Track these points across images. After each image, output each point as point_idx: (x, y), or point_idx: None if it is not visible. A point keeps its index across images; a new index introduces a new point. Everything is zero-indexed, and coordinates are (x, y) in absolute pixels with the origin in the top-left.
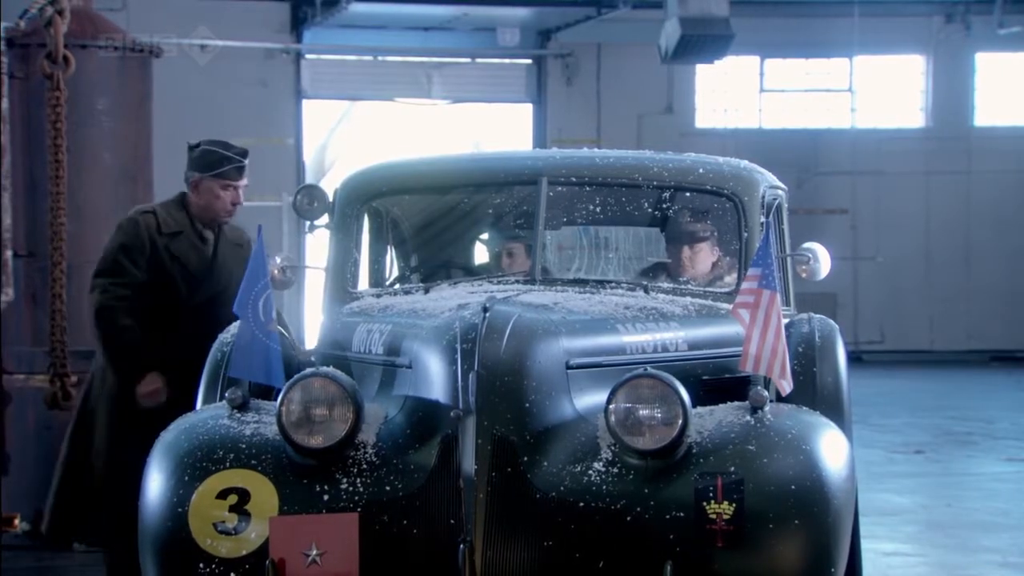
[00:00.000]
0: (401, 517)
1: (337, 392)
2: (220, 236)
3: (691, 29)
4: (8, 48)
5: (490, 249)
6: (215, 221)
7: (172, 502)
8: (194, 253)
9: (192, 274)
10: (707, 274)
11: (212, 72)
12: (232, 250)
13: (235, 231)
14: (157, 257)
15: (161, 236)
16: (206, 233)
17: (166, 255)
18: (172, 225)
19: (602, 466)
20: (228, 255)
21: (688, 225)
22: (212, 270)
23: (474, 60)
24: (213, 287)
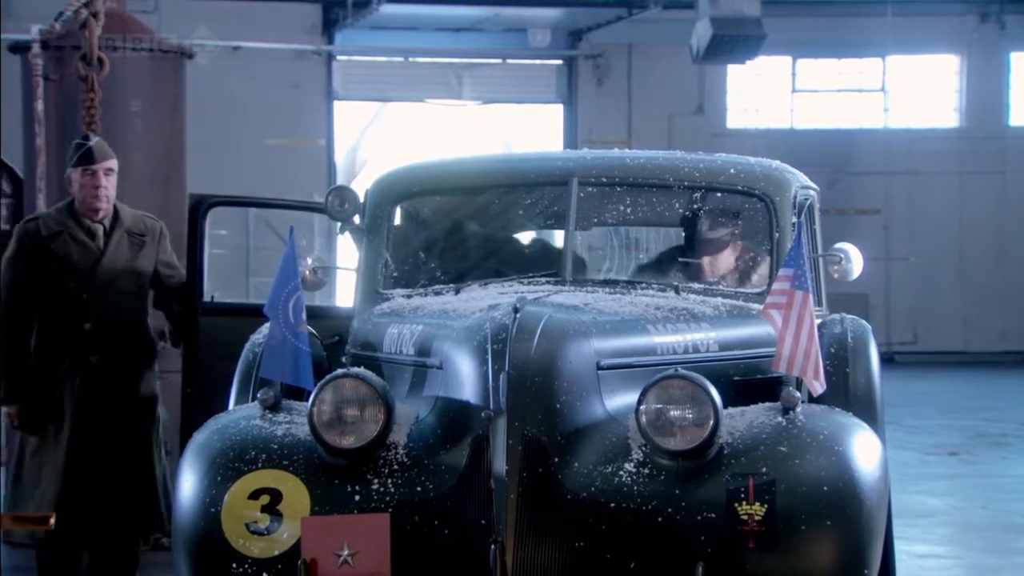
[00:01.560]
0: (432, 517)
1: (368, 393)
2: (115, 228)
3: (723, 29)
4: (43, 50)
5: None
6: (93, 211)
7: (205, 502)
8: (76, 248)
9: (76, 268)
10: (735, 274)
11: (244, 73)
12: (129, 239)
13: (139, 221)
14: (39, 259)
15: (41, 239)
16: (94, 227)
17: (47, 256)
18: (52, 226)
19: (633, 467)
20: (122, 245)
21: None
22: (100, 261)
23: (504, 61)
24: (102, 277)
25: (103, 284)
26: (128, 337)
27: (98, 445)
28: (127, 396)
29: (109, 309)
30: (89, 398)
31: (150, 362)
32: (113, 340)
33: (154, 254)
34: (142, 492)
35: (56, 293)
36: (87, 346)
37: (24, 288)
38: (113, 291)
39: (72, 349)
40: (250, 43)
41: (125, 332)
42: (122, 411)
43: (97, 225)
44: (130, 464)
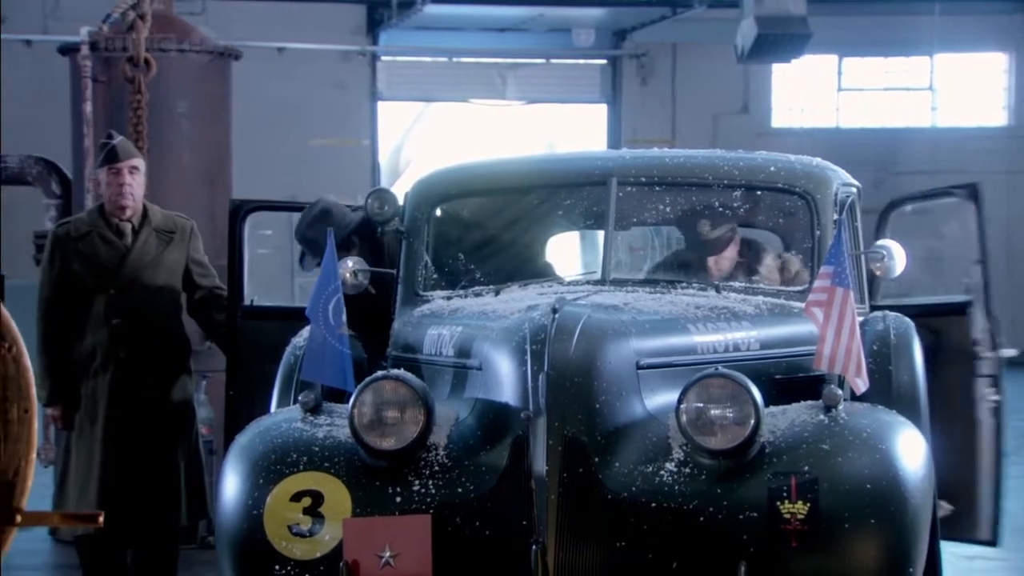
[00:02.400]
0: (473, 518)
1: (408, 394)
2: (143, 226)
3: (768, 28)
4: (91, 52)
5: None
6: (120, 209)
7: (247, 504)
8: (104, 246)
9: (104, 266)
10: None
11: (289, 74)
12: (157, 237)
13: (168, 220)
14: (71, 261)
15: (72, 241)
16: (122, 226)
17: (77, 256)
18: (82, 228)
19: (674, 466)
20: (150, 242)
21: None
22: (126, 258)
23: (548, 61)
24: (129, 274)
25: (130, 281)
26: (157, 333)
27: (131, 441)
28: (157, 392)
29: (137, 306)
30: (119, 393)
31: (182, 359)
32: (142, 336)
33: (183, 252)
34: (170, 491)
35: (86, 291)
36: (116, 342)
37: (60, 291)
38: (141, 288)
39: (102, 345)
40: (295, 44)
41: (154, 328)
42: (152, 407)
43: (126, 224)
44: (160, 462)
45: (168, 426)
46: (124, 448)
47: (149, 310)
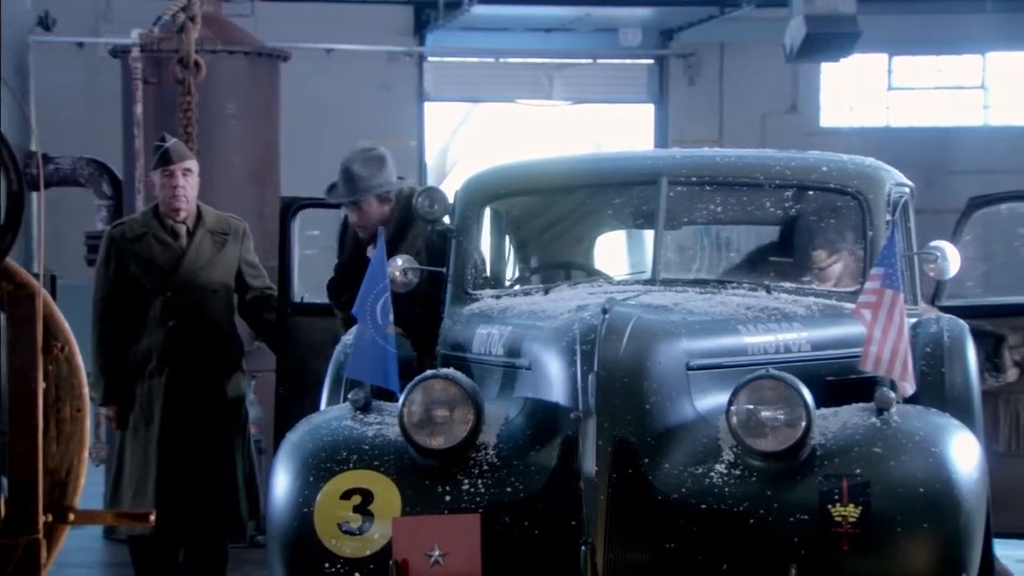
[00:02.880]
0: (522, 518)
1: (458, 393)
2: (198, 227)
3: (817, 27)
4: (142, 54)
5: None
6: (174, 211)
7: (298, 502)
8: (160, 248)
9: (159, 268)
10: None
11: (336, 75)
12: (212, 238)
13: (222, 221)
14: (126, 262)
15: (127, 242)
16: (177, 227)
17: (133, 257)
18: (137, 229)
19: (724, 468)
20: (205, 244)
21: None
22: (182, 260)
23: (595, 61)
24: (184, 276)
25: (186, 282)
26: (212, 334)
27: (187, 442)
28: (213, 393)
29: (193, 307)
30: (175, 394)
31: (236, 359)
32: (197, 337)
33: (237, 253)
34: (225, 491)
35: (142, 292)
36: (172, 343)
37: (115, 292)
38: (196, 289)
39: (158, 346)
40: (342, 45)
41: (209, 329)
42: (208, 408)
43: (180, 225)
44: (217, 462)
45: (224, 426)
46: (180, 449)
47: (204, 311)
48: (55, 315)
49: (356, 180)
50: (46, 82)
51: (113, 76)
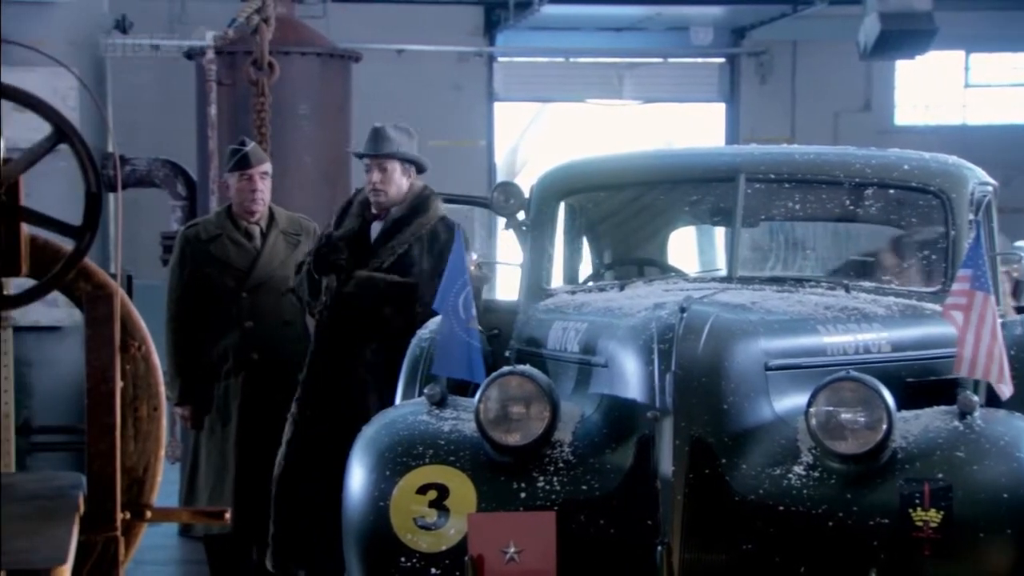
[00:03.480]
0: (598, 517)
1: (534, 390)
2: (271, 228)
3: (891, 24)
4: (216, 56)
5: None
6: (250, 213)
7: (374, 496)
8: (235, 249)
9: (235, 269)
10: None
11: (407, 76)
12: (285, 239)
13: (294, 222)
14: (201, 263)
15: (201, 243)
16: (251, 229)
17: (208, 258)
18: (211, 230)
19: (802, 470)
20: (278, 245)
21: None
22: (257, 261)
23: (666, 60)
24: (260, 276)
25: (261, 283)
26: (287, 334)
27: (263, 442)
28: (288, 392)
29: (268, 307)
30: (252, 395)
31: None
32: (273, 337)
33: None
34: None
35: (218, 294)
36: (249, 344)
37: (190, 292)
38: (271, 290)
39: (234, 347)
40: (413, 46)
41: (284, 329)
42: (284, 407)
43: (254, 227)
44: None
45: None
46: (257, 448)
47: (279, 311)
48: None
49: (388, 140)
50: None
51: (188, 78)
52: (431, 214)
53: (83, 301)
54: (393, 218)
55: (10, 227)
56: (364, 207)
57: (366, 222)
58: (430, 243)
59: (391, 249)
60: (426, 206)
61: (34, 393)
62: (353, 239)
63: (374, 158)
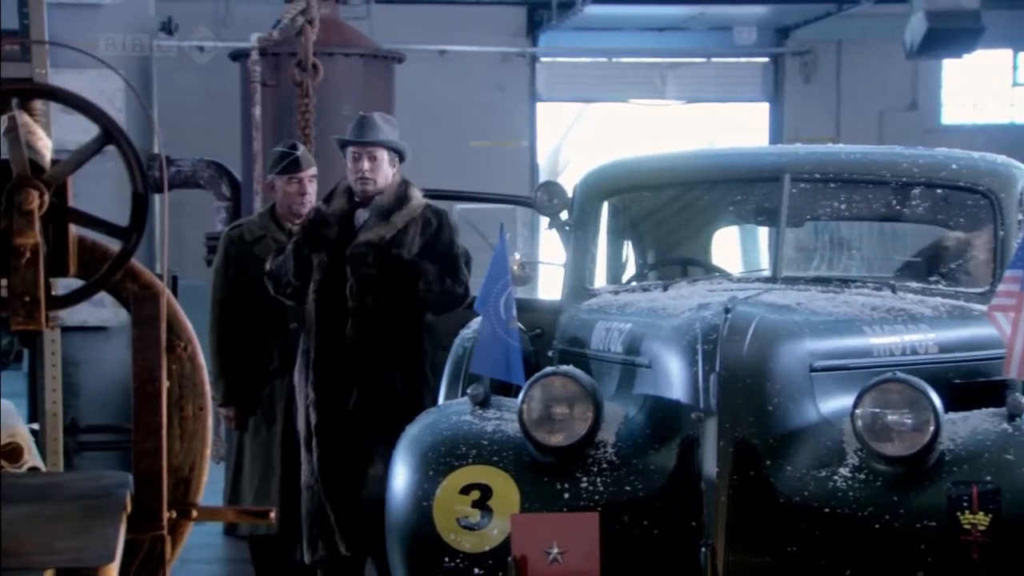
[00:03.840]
0: (641, 518)
1: (577, 391)
2: None
3: (938, 23)
4: (261, 57)
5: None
6: (296, 215)
7: (417, 496)
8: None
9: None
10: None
11: (450, 76)
12: None
13: None
14: (244, 264)
15: (245, 244)
16: (295, 230)
17: (252, 260)
18: (255, 231)
19: (848, 472)
20: None
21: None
22: None
23: (709, 60)
24: None
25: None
26: None
27: None
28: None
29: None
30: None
31: None
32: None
33: None
34: None
35: (262, 295)
36: (293, 344)
37: (234, 293)
38: None
39: (279, 348)
40: (456, 47)
41: None
42: None
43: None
44: None
45: None
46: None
47: None
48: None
49: (377, 128)
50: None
51: (232, 79)
52: (415, 203)
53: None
54: (379, 205)
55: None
56: (348, 195)
57: (351, 208)
58: (423, 227)
59: (379, 233)
60: (409, 196)
61: (81, 393)
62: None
63: (363, 146)
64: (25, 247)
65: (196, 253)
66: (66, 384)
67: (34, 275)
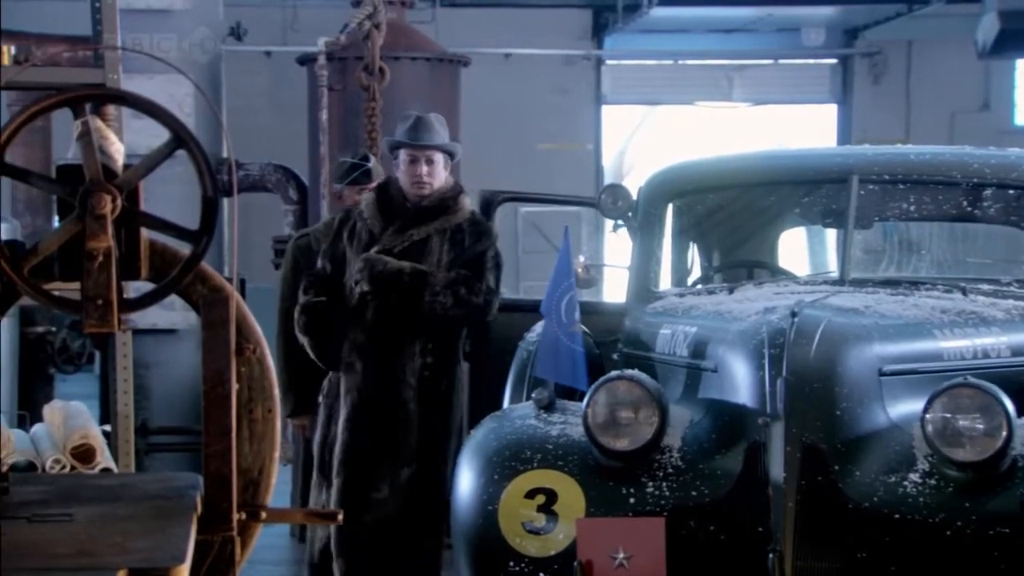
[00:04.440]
0: (708, 523)
1: (642, 395)
2: None
3: (1011, 23)
4: (328, 62)
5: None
6: None
7: (483, 500)
8: None
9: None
10: None
11: (515, 79)
12: None
13: None
14: None
15: (313, 253)
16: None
17: None
18: (322, 240)
19: (918, 477)
20: None
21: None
22: None
23: (776, 61)
24: None
25: None
26: None
27: None
28: None
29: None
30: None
31: None
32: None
33: None
34: None
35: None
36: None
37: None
38: None
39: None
40: (521, 50)
41: None
42: None
43: None
44: None
45: None
46: None
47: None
48: (247, 318)
49: (434, 130)
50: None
51: (300, 83)
52: (461, 213)
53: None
54: (419, 206)
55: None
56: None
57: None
58: (453, 239)
59: (408, 236)
60: (457, 203)
61: (151, 395)
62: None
63: (421, 149)
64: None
65: (263, 257)
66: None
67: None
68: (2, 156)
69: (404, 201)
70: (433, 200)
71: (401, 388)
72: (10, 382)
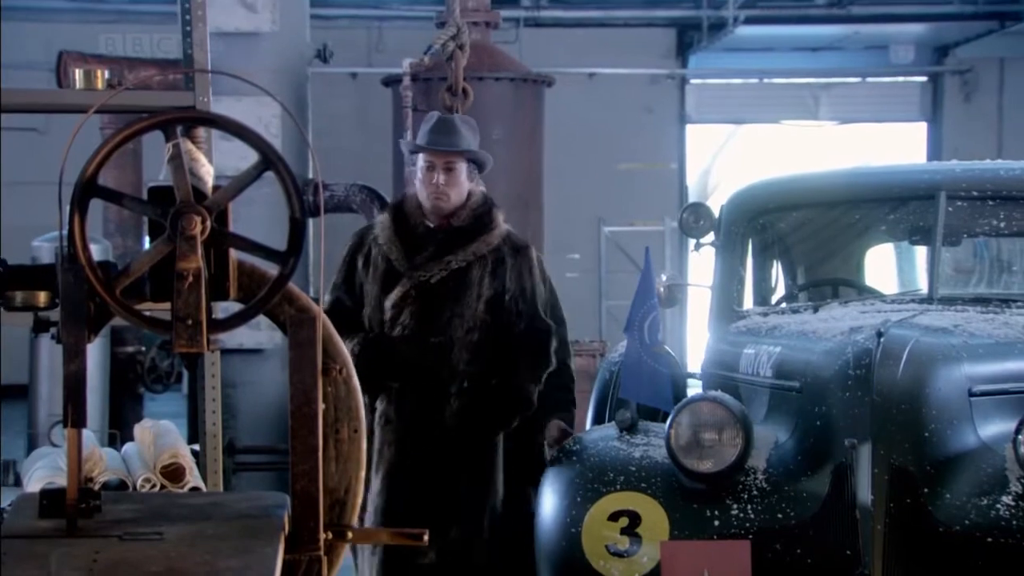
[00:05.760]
0: (794, 545)
1: (726, 416)
2: None
3: None
4: (412, 83)
5: None
6: None
7: (566, 522)
8: None
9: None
10: None
11: (599, 99)
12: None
13: None
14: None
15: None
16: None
17: None
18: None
19: (1012, 500)
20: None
21: None
22: None
23: (864, 79)
24: None
25: None
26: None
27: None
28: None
29: None
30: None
31: None
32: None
33: None
34: None
35: None
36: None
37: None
38: None
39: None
40: (605, 69)
41: None
42: None
43: None
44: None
45: None
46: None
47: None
48: (333, 338)
49: (459, 134)
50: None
51: (384, 104)
52: (497, 231)
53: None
54: (454, 227)
55: (220, 253)
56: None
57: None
58: (494, 266)
59: (446, 263)
60: (491, 218)
61: (238, 414)
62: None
63: (440, 155)
64: (188, 271)
65: None
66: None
67: (196, 299)
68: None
69: (423, 219)
70: (464, 219)
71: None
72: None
